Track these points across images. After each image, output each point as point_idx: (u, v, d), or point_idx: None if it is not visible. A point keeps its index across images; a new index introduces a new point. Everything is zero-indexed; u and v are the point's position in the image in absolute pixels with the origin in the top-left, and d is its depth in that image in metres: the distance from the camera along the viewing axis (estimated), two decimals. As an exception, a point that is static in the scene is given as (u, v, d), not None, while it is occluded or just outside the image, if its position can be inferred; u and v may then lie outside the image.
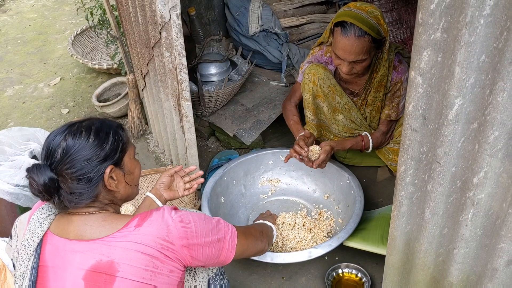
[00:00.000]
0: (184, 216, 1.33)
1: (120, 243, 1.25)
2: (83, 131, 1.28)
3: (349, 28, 1.96)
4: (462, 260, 1.38)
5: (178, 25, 1.98)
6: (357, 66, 2.06)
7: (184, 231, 1.30)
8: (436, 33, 1.10)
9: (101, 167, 1.28)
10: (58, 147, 1.25)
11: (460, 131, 1.18)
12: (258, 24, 3.01)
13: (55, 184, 1.25)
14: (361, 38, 1.96)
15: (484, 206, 1.24)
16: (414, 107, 1.23)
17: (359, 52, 1.99)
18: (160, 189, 1.82)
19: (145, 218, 1.29)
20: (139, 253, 1.24)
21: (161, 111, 2.53)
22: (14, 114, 3.41)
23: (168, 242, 1.28)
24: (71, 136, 1.26)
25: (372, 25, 1.96)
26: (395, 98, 2.24)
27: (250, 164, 2.49)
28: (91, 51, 3.98)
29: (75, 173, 1.25)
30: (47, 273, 1.28)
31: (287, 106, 2.45)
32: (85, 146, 1.26)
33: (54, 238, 1.30)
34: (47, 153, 1.27)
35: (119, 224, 1.29)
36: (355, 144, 2.28)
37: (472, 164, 1.20)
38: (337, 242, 2.01)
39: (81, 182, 1.26)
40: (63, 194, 1.26)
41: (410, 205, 1.43)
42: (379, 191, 2.50)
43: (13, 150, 2.22)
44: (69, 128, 1.29)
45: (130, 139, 1.41)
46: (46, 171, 1.24)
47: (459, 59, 1.07)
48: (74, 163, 1.24)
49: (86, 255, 1.25)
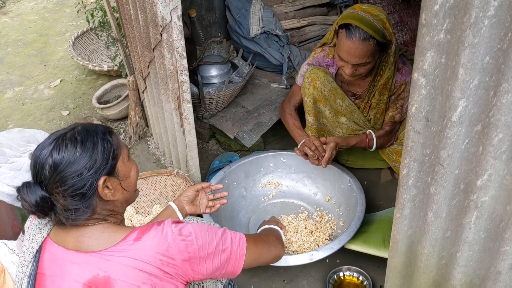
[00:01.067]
0: (184, 228, 1.27)
1: (117, 258, 1.20)
2: (69, 144, 1.20)
3: (354, 31, 1.95)
4: (465, 263, 1.36)
5: (179, 26, 1.97)
6: (360, 69, 2.05)
7: (184, 245, 1.24)
8: (439, 34, 1.10)
9: (93, 180, 1.21)
10: (45, 164, 1.19)
11: (463, 133, 1.17)
12: (259, 26, 3.00)
13: (48, 202, 1.20)
14: (365, 41, 1.95)
15: (487, 209, 1.23)
16: (417, 108, 1.22)
17: (363, 55, 1.98)
18: (184, 201, 1.80)
19: (145, 232, 1.24)
20: (137, 270, 1.19)
21: (161, 113, 2.52)
22: (14, 116, 3.40)
23: (168, 257, 1.22)
24: (56, 151, 1.19)
25: (378, 28, 1.95)
26: (399, 100, 2.23)
27: (251, 167, 2.48)
28: (91, 53, 3.98)
29: (67, 190, 1.19)
30: (44, 282, 1.25)
31: (286, 109, 2.44)
32: (73, 160, 1.19)
33: (53, 246, 1.26)
34: (35, 171, 1.21)
35: (118, 237, 1.24)
36: (359, 141, 2.27)
37: (475, 166, 1.19)
38: (339, 245, 1.99)
39: (75, 198, 1.20)
40: (58, 212, 1.21)
41: (413, 208, 1.42)
42: (381, 194, 2.49)
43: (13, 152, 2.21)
44: (54, 142, 1.21)
45: (120, 141, 1.33)
46: (37, 190, 1.18)
47: (463, 60, 1.06)
48: (64, 180, 1.18)
49: (83, 268, 1.20)
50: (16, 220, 2.11)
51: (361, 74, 2.09)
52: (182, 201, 1.79)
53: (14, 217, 2.11)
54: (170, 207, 1.76)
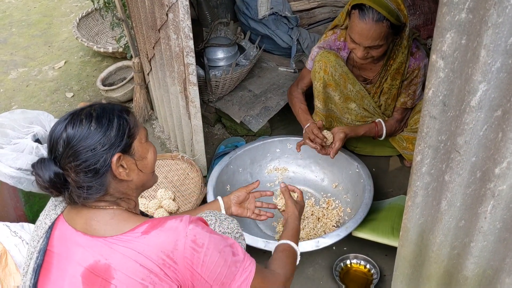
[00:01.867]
0: (200, 236, 1.18)
1: (120, 248, 1.16)
2: (84, 119, 1.19)
3: (367, 12, 1.88)
4: (479, 254, 1.32)
5: (185, 6, 1.91)
6: (372, 51, 1.98)
7: (191, 254, 1.16)
8: (461, 13, 1.04)
9: (107, 156, 1.19)
10: (59, 138, 1.18)
11: (482, 118, 1.11)
12: (267, 7, 2.93)
13: (61, 178, 1.18)
14: (379, 23, 1.88)
15: (505, 198, 1.18)
16: (434, 92, 1.17)
17: (376, 37, 1.91)
18: (233, 200, 1.76)
19: (156, 226, 1.17)
20: (138, 264, 1.14)
21: (167, 96, 2.47)
22: (18, 97, 3.37)
23: (171, 260, 1.15)
24: (71, 125, 1.18)
25: (392, 9, 1.88)
26: (412, 86, 2.16)
27: (257, 152, 2.44)
28: (96, 34, 3.92)
29: (80, 165, 1.17)
30: (52, 259, 1.23)
31: (294, 92, 2.38)
32: (87, 135, 1.18)
33: (64, 224, 1.24)
34: (50, 146, 1.21)
35: (127, 226, 1.19)
36: (368, 130, 2.21)
37: (494, 153, 1.14)
38: (345, 232, 1.96)
39: (88, 175, 1.18)
40: (71, 189, 1.19)
41: (426, 196, 1.37)
42: (389, 181, 2.45)
43: (16, 133, 2.18)
44: (69, 117, 1.21)
45: (138, 122, 1.30)
46: (51, 165, 1.18)
47: (485, 41, 1.01)
48: (77, 155, 1.17)
49: (87, 252, 1.18)
50: (18, 202, 2.09)
51: (373, 57, 2.02)
52: (231, 199, 1.76)
53: (16, 199, 2.08)
54: (217, 202, 1.73)
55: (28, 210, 2.12)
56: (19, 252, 1.85)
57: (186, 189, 2.38)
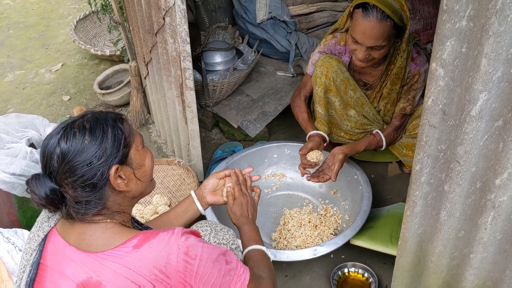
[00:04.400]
0: (192, 248, 1.15)
1: (111, 264, 1.13)
2: (77, 132, 1.15)
3: (371, 10, 1.85)
4: (479, 265, 1.30)
5: (182, 10, 1.89)
6: (374, 53, 1.95)
7: (184, 267, 1.14)
8: (461, 21, 1.02)
9: (104, 169, 1.15)
10: (53, 154, 1.14)
11: (483, 128, 1.09)
12: (266, 11, 2.91)
13: (58, 194, 1.14)
14: (383, 21, 1.85)
15: (505, 209, 1.16)
16: (434, 101, 1.15)
17: (379, 36, 1.88)
18: (205, 190, 1.67)
19: (147, 239, 1.15)
20: (129, 281, 1.11)
21: (163, 100, 2.45)
22: (14, 100, 3.34)
23: (164, 275, 1.12)
24: (64, 140, 1.14)
25: (396, 9, 1.86)
26: (412, 91, 2.14)
27: (254, 158, 2.41)
28: (93, 37, 3.90)
29: (77, 180, 1.13)
30: (45, 272, 1.20)
31: (296, 101, 2.35)
32: (82, 149, 1.13)
33: (58, 237, 1.21)
34: (44, 162, 1.16)
35: (118, 240, 1.16)
36: (368, 145, 2.19)
37: (494, 164, 1.11)
38: (343, 240, 1.93)
39: (86, 189, 1.14)
40: (69, 204, 1.15)
41: (425, 206, 1.35)
42: (388, 188, 2.42)
43: (10, 138, 2.15)
44: (62, 131, 1.16)
45: (133, 129, 1.26)
46: (46, 181, 1.13)
47: (486, 50, 0.99)
48: (73, 170, 1.12)
49: (79, 268, 1.15)
50: (12, 208, 2.06)
51: (374, 59, 1.99)
52: (202, 190, 1.67)
53: (10, 204, 2.05)
54: (190, 196, 1.66)
55: (21, 215, 2.09)
56: (11, 258, 1.82)
57: (182, 195, 2.35)
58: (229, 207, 1.63)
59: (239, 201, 1.63)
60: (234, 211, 1.61)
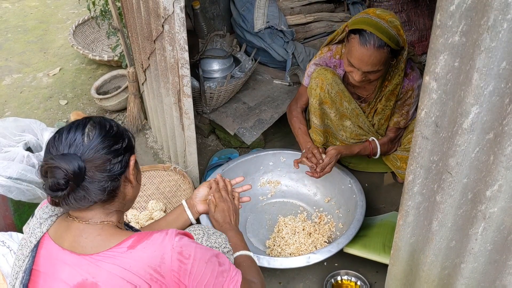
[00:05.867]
0: (187, 248, 1.18)
1: (107, 265, 1.14)
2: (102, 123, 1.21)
3: (369, 38, 1.86)
4: (469, 275, 1.32)
5: (181, 18, 1.92)
6: (370, 76, 1.97)
7: (178, 266, 1.16)
8: (454, 36, 1.04)
9: (125, 155, 1.22)
10: (82, 136, 1.16)
11: (474, 141, 1.12)
12: (263, 20, 2.94)
13: (83, 172, 1.15)
14: (380, 49, 1.87)
15: (496, 220, 1.18)
16: (427, 113, 1.17)
17: (376, 63, 1.90)
18: (195, 199, 1.68)
19: (142, 240, 1.17)
20: (124, 281, 1.13)
21: (161, 107, 2.47)
22: (11, 103, 3.35)
23: (159, 274, 1.14)
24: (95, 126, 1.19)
25: (392, 35, 1.88)
26: (405, 106, 2.17)
27: (250, 165, 2.43)
28: (92, 42, 3.92)
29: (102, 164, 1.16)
30: (38, 278, 1.21)
31: (294, 111, 2.36)
32: (109, 136, 1.19)
33: (50, 242, 1.22)
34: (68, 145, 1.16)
35: (113, 241, 1.18)
36: (362, 149, 2.21)
37: (485, 176, 1.14)
38: (337, 248, 1.95)
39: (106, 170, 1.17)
40: (87, 186, 1.15)
41: (417, 215, 1.37)
42: (382, 197, 2.44)
43: (7, 141, 2.16)
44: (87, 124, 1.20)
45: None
46: (75, 158, 1.13)
47: (478, 65, 1.01)
48: (101, 148, 1.17)
49: (74, 271, 1.16)
50: (8, 211, 2.06)
51: (370, 80, 2.02)
52: (193, 199, 1.68)
53: (6, 208, 2.06)
54: (181, 205, 1.68)
55: (17, 219, 2.10)
56: (6, 262, 1.82)
57: (177, 201, 2.36)
58: (211, 214, 1.65)
59: (220, 208, 1.64)
60: (216, 218, 1.63)
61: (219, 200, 1.65)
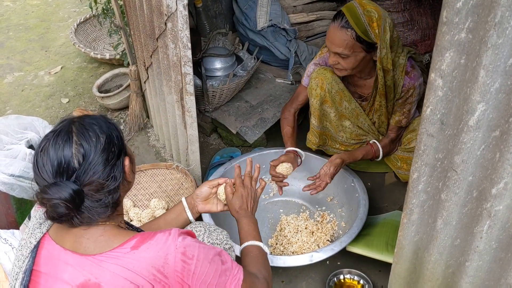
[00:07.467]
0: (190, 248, 1.17)
1: (110, 266, 1.14)
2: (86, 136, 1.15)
3: (338, 17, 1.95)
4: (474, 273, 1.31)
5: (184, 16, 1.91)
6: (341, 61, 2.02)
7: (182, 267, 1.16)
8: (460, 33, 1.04)
9: (119, 162, 1.19)
10: (72, 158, 1.12)
11: (480, 138, 1.11)
12: (266, 19, 2.94)
13: (81, 196, 1.13)
14: (343, 29, 1.93)
15: (501, 218, 1.18)
16: (432, 111, 1.17)
17: (340, 44, 1.95)
18: (196, 199, 1.64)
19: (145, 240, 1.16)
20: (128, 281, 1.12)
21: (163, 105, 2.46)
22: (13, 101, 3.34)
23: (162, 275, 1.14)
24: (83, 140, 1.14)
25: (361, 22, 1.91)
26: (407, 105, 2.16)
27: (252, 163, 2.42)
28: (93, 41, 3.91)
29: (99, 178, 1.14)
30: (39, 279, 1.20)
31: (285, 113, 2.36)
32: (99, 150, 1.14)
33: (51, 243, 1.21)
34: (59, 169, 1.12)
35: (116, 242, 1.17)
36: (365, 154, 2.21)
37: (491, 173, 1.13)
38: (340, 247, 1.94)
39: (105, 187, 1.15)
40: (89, 205, 1.14)
41: (421, 214, 1.37)
42: (385, 196, 2.44)
43: (9, 139, 2.16)
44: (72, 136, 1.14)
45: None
46: (68, 184, 1.10)
47: (484, 62, 1.01)
48: (96, 168, 1.13)
49: (77, 271, 1.15)
50: (10, 209, 2.06)
51: (344, 69, 2.04)
52: (194, 198, 1.64)
53: (8, 205, 2.06)
54: (181, 203, 1.64)
55: (19, 217, 2.10)
56: (8, 260, 1.82)
57: (179, 199, 2.35)
58: (228, 199, 1.63)
59: (239, 193, 1.61)
60: (233, 203, 1.60)
61: (239, 186, 1.63)
